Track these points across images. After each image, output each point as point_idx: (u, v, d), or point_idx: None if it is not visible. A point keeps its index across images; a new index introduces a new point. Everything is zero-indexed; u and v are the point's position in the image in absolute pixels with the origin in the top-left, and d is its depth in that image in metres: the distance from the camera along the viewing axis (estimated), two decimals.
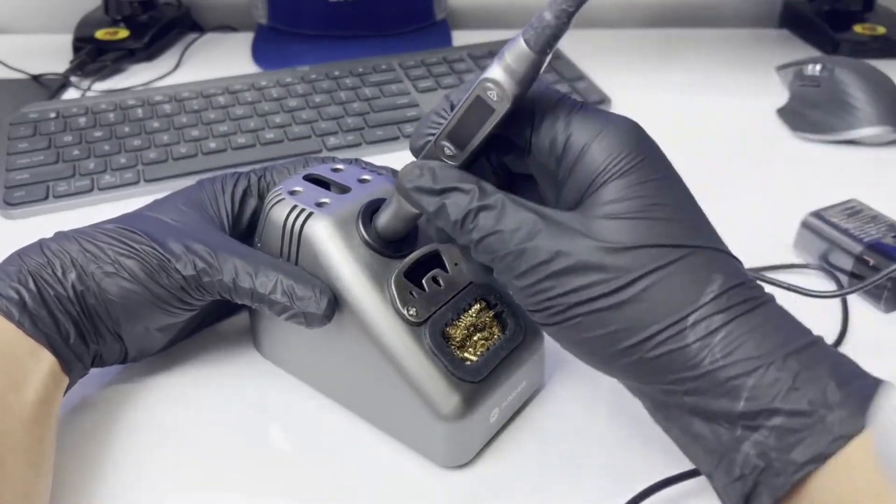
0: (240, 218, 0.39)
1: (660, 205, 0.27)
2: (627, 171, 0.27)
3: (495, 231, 0.28)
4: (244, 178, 0.40)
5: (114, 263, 0.34)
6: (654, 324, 0.26)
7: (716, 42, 0.81)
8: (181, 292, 0.34)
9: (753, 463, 0.25)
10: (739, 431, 0.25)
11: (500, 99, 0.27)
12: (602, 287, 0.26)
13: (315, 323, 0.33)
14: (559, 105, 0.29)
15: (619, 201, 0.27)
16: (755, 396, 0.24)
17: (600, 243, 0.26)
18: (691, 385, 0.26)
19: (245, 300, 0.34)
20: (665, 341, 0.26)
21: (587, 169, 0.28)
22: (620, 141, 0.27)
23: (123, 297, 0.34)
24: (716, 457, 0.26)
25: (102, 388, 0.38)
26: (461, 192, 0.28)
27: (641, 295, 0.26)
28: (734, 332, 0.25)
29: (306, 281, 0.33)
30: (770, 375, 0.24)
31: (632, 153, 0.27)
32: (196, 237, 0.35)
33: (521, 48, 0.27)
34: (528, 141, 0.29)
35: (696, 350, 0.25)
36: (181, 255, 0.34)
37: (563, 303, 0.27)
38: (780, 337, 0.25)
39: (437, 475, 0.34)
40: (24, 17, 0.85)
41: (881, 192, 0.51)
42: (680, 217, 0.27)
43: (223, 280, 0.34)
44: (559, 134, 0.28)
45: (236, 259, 0.34)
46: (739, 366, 0.25)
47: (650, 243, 0.26)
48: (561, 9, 0.25)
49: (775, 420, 0.24)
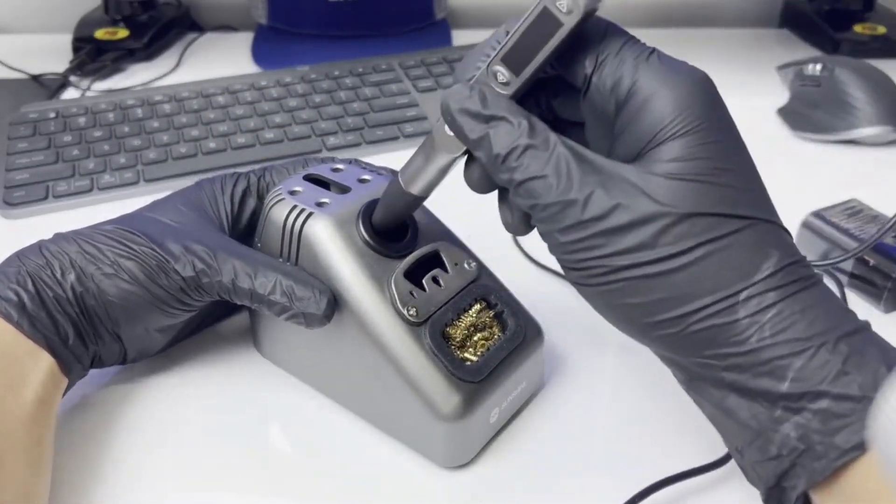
0: (239, 218, 0.39)
1: (724, 170, 0.25)
2: (695, 129, 0.25)
3: (542, 175, 0.25)
4: (244, 178, 0.40)
5: (113, 265, 0.34)
6: (705, 296, 0.24)
7: (716, 42, 0.81)
8: (180, 293, 0.34)
9: (793, 444, 0.24)
10: (779, 412, 0.24)
11: (569, 11, 0.25)
12: (653, 252, 0.24)
13: (315, 323, 0.33)
14: (627, 45, 0.27)
15: (683, 160, 0.25)
16: (802, 377, 0.24)
17: (659, 205, 0.25)
18: (734, 361, 0.25)
19: (244, 301, 0.34)
20: (713, 315, 0.24)
21: (652, 120, 0.25)
22: (691, 95, 0.25)
23: (122, 298, 0.34)
24: (750, 433, 0.25)
25: (102, 388, 0.38)
26: (510, 123, 0.26)
27: (695, 265, 0.24)
28: (785, 311, 0.24)
29: (306, 281, 0.33)
30: (820, 358, 0.24)
31: (700, 109, 0.25)
32: (195, 238, 0.35)
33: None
34: (587, 80, 0.27)
35: (744, 326, 0.24)
36: (180, 256, 0.34)
37: (608, 265, 0.25)
38: (831, 319, 0.24)
39: (437, 475, 0.34)
40: (24, 17, 0.85)
41: (881, 192, 0.51)
42: (743, 185, 0.26)
43: (222, 281, 0.34)
44: (625, 77, 0.26)
45: (235, 260, 0.34)
46: (788, 346, 0.24)
47: (711, 211, 0.25)
48: None
49: (821, 403, 0.23)
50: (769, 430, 0.25)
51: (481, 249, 0.37)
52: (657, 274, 0.25)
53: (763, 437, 0.25)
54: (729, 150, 0.26)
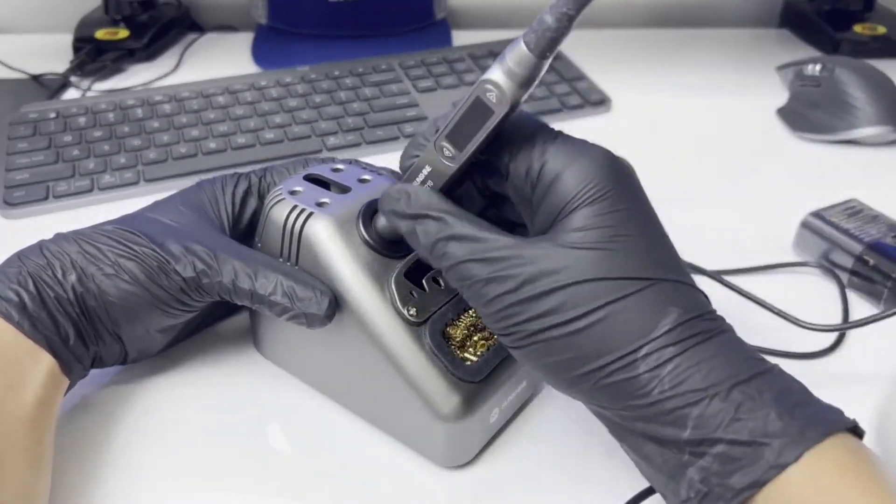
0: (240, 219, 0.39)
1: (624, 236, 0.28)
2: (596, 200, 0.28)
3: (464, 260, 0.29)
4: (244, 178, 0.40)
5: (113, 265, 0.34)
6: (608, 354, 0.27)
7: (716, 42, 0.81)
8: (181, 294, 0.34)
9: (697, 487, 0.26)
10: (686, 457, 0.26)
11: (499, 101, 0.27)
12: (559, 316, 0.27)
13: (316, 324, 0.33)
14: (537, 133, 0.30)
15: (585, 230, 0.28)
16: (700, 426, 0.26)
17: (563, 273, 0.27)
18: (642, 412, 0.27)
19: (245, 301, 0.34)
20: (617, 371, 0.27)
21: (559, 195, 0.28)
22: (592, 170, 0.28)
23: (123, 298, 0.34)
24: (664, 477, 0.27)
25: (102, 389, 0.38)
26: (433, 219, 0.29)
27: (596, 326, 0.27)
28: (683, 365, 0.26)
29: (306, 282, 0.33)
30: (714, 406, 0.25)
31: (602, 182, 0.28)
32: (195, 238, 0.35)
33: (521, 51, 0.27)
34: (506, 167, 0.30)
35: (645, 380, 0.26)
36: (180, 256, 0.34)
37: (525, 329, 0.28)
38: (728, 369, 0.26)
39: (437, 475, 0.34)
40: (24, 17, 0.85)
41: (881, 192, 0.51)
42: (644, 248, 0.28)
43: (223, 282, 0.34)
44: (535, 161, 0.29)
45: (235, 260, 0.34)
46: (686, 397, 0.26)
47: (610, 276, 0.27)
48: (562, 12, 0.25)
49: (718, 448, 0.25)
50: (678, 475, 0.26)
51: None
52: (566, 335, 0.27)
53: (674, 481, 0.27)
54: (631, 216, 0.28)
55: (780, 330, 0.42)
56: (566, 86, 0.68)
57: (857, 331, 0.42)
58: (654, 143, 0.61)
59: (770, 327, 0.42)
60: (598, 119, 0.65)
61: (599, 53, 0.76)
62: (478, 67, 0.71)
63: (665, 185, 0.56)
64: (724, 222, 0.52)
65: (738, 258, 0.46)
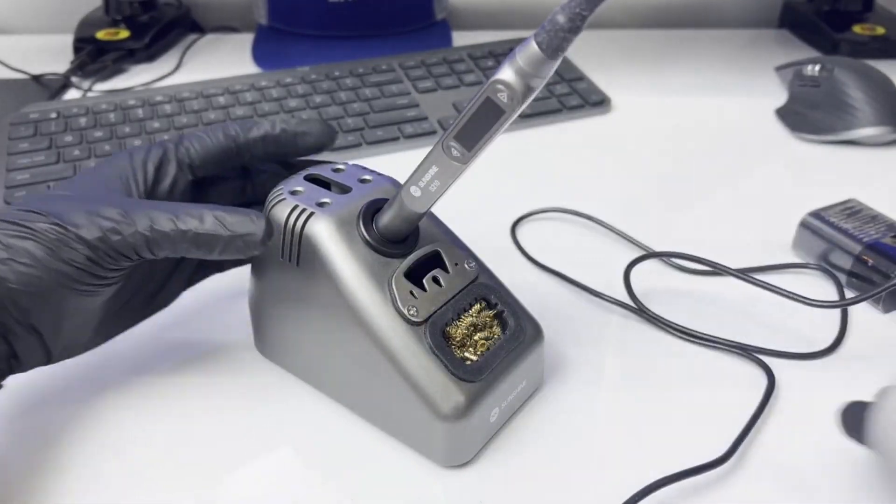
0: (157, 186, 0.37)
1: None
2: None
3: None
4: (158, 146, 0.38)
5: (6, 249, 0.31)
6: None
7: (716, 42, 0.81)
8: (89, 264, 0.32)
9: None
10: None
11: (510, 101, 0.27)
12: None
13: (254, 247, 0.31)
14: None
15: None
16: None
17: None
18: None
19: (168, 250, 0.32)
20: None
21: None
22: None
23: (24, 283, 0.31)
24: None
25: (100, 389, 0.38)
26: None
27: None
28: None
29: (237, 210, 0.32)
30: None
31: None
32: (105, 202, 0.32)
33: (532, 50, 0.26)
34: None
35: None
36: (84, 222, 0.31)
37: None
38: None
39: (437, 475, 0.34)
40: (25, 17, 0.85)
41: (880, 192, 0.51)
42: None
43: (137, 231, 0.31)
44: None
45: (152, 210, 0.32)
46: None
47: None
48: (575, 12, 0.25)
49: None
50: None
51: (481, 249, 0.38)
52: None
53: None
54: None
55: (780, 330, 0.42)
56: (566, 86, 0.68)
57: (856, 331, 0.42)
58: (653, 143, 0.62)
59: (770, 328, 0.42)
60: (597, 119, 0.66)
61: (599, 54, 0.76)
62: (478, 68, 0.71)
63: (664, 186, 0.57)
64: (723, 222, 0.52)
65: (737, 258, 0.46)
